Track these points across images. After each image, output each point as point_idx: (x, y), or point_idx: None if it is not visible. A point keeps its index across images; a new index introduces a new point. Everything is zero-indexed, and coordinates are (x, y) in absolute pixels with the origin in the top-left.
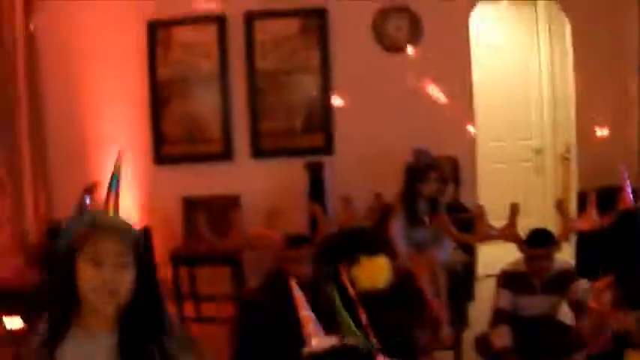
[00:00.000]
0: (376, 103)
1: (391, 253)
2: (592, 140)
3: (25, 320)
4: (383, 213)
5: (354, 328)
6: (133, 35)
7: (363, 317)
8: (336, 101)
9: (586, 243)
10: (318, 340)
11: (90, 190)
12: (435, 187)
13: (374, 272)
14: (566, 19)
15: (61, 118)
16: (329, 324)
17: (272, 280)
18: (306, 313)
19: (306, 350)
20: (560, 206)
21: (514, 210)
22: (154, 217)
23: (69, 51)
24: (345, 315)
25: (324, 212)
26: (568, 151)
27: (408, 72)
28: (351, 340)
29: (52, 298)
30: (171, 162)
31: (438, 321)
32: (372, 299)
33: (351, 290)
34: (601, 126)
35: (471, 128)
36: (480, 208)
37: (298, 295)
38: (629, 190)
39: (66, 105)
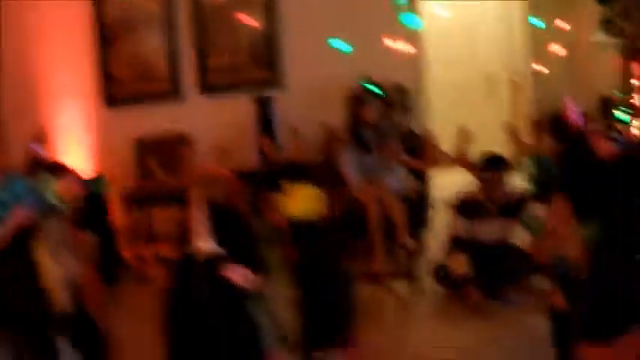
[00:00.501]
0: (322, 35)
1: (326, 185)
2: (544, 65)
3: None
4: (331, 143)
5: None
6: None
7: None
8: (285, 35)
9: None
10: (202, 243)
11: (38, 137)
12: (377, 112)
13: (302, 200)
14: None
15: (11, 68)
16: (255, 254)
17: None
18: (198, 215)
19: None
20: (511, 130)
21: (464, 134)
22: (107, 159)
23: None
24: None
25: (274, 145)
26: (518, 76)
27: (357, 4)
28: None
29: None
30: (121, 103)
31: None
32: (301, 229)
33: (278, 219)
34: (552, 54)
35: (420, 56)
36: (429, 132)
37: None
38: (574, 112)
39: (15, 55)
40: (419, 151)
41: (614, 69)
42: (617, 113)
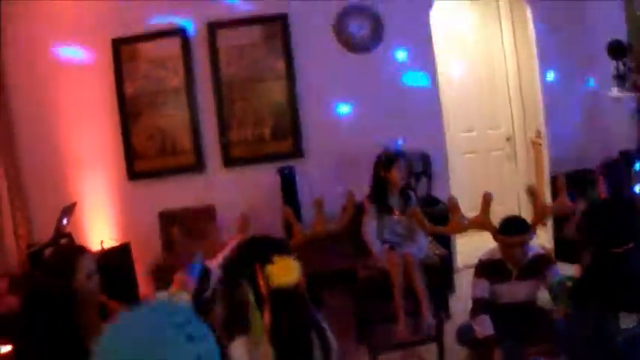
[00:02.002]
0: (342, 104)
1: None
2: (561, 124)
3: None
4: (355, 212)
5: (260, 323)
6: (98, 53)
7: (267, 314)
8: (303, 105)
9: (561, 227)
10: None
11: (67, 211)
12: (403, 175)
13: (285, 270)
14: (527, 5)
15: (34, 141)
16: (243, 319)
17: None
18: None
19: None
20: (532, 192)
21: (486, 199)
22: (131, 232)
23: (37, 72)
24: (256, 312)
25: (296, 215)
26: (538, 136)
27: (372, 71)
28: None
29: None
30: (145, 177)
31: (420, 313)
32: (282, 295)
33: (263, 287)
34: (569, 110)
35: (439, 122)
36: (452, 199)
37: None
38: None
39: (37, 127)
40: (442, 217)
41: (631, 123)
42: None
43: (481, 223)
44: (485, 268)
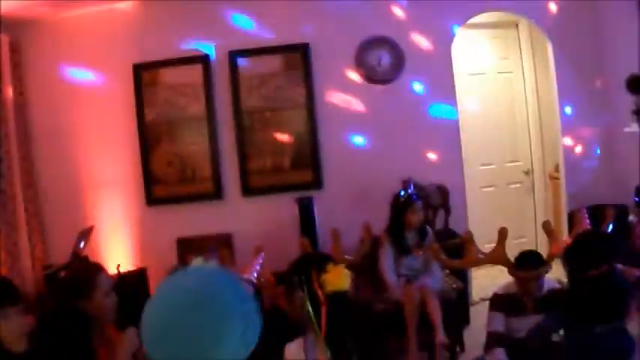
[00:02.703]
0: (362, 136)
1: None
2: (579, 159)
3: None
4: (373, 245)
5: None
6: (119, 78)
7: (324, 316)
8: (322, 136)
9: None
10: None
11: (84, 234)
12: (420, 217)
13: (339, 277)
14: (548, 40)
15: (52, 164)
16: (301, 323)
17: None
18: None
19: None
20: (547, 227)
21: (502, 234)
22: (148, 258)
23: (57, 95)
24: (312, 316)
25: (313, 246)
26: (557, 170)
27: (392, 102)
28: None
29: None
30: (163, 203)
31: (435, 345)
32: (337, 300)
33: (319, 292)
34: (587, 145)
35: (458, 155)
36: (468, 233)
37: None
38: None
39: (56, 151)
40: (459, 250)
41: None
42: None
43: (497, 257)
44: (501, 302)
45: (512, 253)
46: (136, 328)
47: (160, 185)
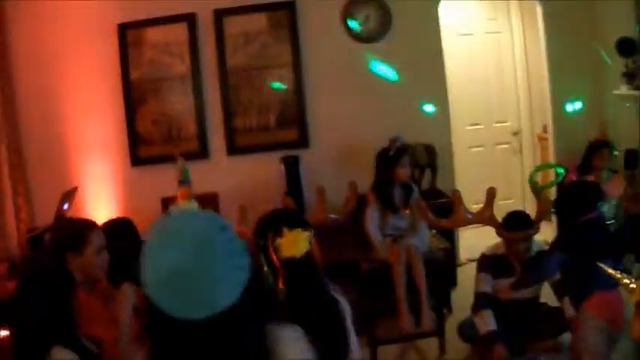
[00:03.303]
0: (349, 94)
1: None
2: (567, 119)
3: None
4: (358, 202)
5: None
6: (104, 38)
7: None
8: (309, 94)
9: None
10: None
11: (68, 196)
12: (407, 172)
13: (294, 242)
14: (537, 1)
15: (37, 125)
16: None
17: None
18: None
19: None
20: (534, 188)
21: (490, 194)
22: (133, 217)
23: (41, 56)
24: (270, 279)
25: (299, 204)
26: (545, 131)
27: (378, 61)
28: None
29: None
30: (149, 163)
31: (419, 307)
32: (293, 266)
33: (274, 257)
34: (575, 104)
35: (446, 114)
36: (456, 193)
37: None
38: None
39: (41, 111)
40: (446, 210)
41: (637, 121)
42: None
43: (484, 217)
44: (489, 263)
45: (499, 214)
46: (131, 283)
47: (145, 145)
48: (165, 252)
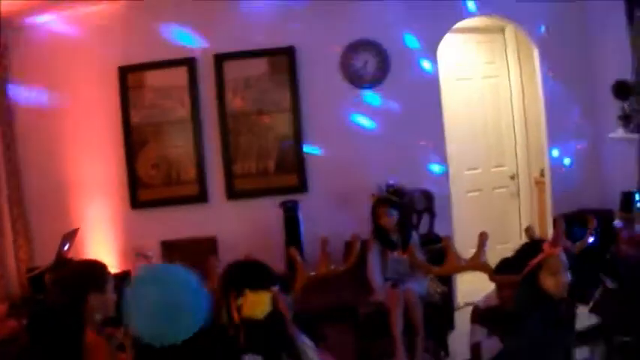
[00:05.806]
0: (348, 139)
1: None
2: (564, 164)
3: None
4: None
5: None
6: (104, 80)
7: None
8: (308, 139)
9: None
10: None
11: (69, 237)
12: (392, 221)
13: (256, 304)
14: (534, 45)
15: (38, 167)
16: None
17: None
18: None
19: None
20: (529, 233)
21: (482, 239)
22: (133, 261)
23: (42, 98)
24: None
25: (300, 252)
26: (542, 175)
27: (377, 107)
28: None
29: None
30: (149, 206)
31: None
32: (253, 325)
33: (235, 315)
34: (573, 150)
35: (443, 159)
36: (447, 239)
37: None
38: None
39: (42, 152)
40: (443, 255)
41: (633, 164)
42: None
43: (477, 264)
44: (482, 316)
45: (496, 258)
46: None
47: (145, 189)
48: (145, 292)
